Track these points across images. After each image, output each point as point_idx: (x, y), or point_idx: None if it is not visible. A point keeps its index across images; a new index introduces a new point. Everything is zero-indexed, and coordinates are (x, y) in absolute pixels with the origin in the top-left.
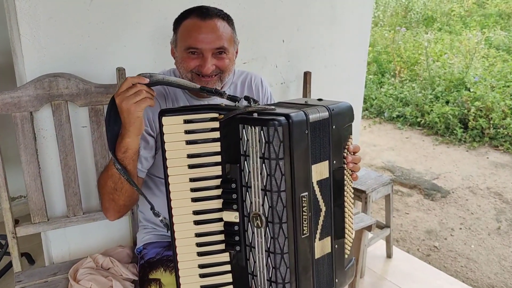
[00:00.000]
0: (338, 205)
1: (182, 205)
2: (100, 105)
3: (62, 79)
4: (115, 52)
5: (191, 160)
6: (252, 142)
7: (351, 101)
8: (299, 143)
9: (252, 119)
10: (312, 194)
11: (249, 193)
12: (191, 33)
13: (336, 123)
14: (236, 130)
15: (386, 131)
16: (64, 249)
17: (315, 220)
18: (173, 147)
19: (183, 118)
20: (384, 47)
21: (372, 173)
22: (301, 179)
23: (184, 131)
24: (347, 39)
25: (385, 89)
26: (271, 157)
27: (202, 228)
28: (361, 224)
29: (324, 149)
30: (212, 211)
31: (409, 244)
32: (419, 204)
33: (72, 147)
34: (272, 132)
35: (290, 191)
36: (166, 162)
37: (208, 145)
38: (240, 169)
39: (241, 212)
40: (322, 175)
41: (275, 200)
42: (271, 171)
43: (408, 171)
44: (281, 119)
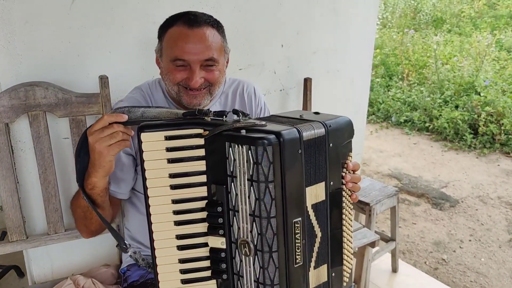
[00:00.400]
0: (336, 230)
1: (164, 229)
2: (81, 116)
3: (39, 88)
4: (98, 59)
5: (173, 180)
6: (239, 162)
7: (355, 108)
8: (291, 164)
9: (239, 137)
10: (306, 219)
11: (236, 217)
12: (178, 43)
13: (333, 140)
14: (222, 148)
15: (393, 136)
16: (46, 267)
17: (310, 247)
18: (153, 166)
19: (164, 134)
20: (392, 49)
21: (377, 183)
22: (294, 204)
23: (166, 149)
24: (351, 43)
25: (392, 92)
26: (260, 180)
27: (186, 254)
28: (364, 240)
29: (320, 170)
30: (197, 235)
31: (416, 256)
32: (427, 214)
33: (51, 160)
34: (261, 152)
35: (282, 217)
36: (146, 183)
37: (192, 163)
38: (227, 191)
39: (228, 238)
40: (318, 197)
41: (265, 227)
42: (260, 195)
43: (415, 179)
44: (271, 137)
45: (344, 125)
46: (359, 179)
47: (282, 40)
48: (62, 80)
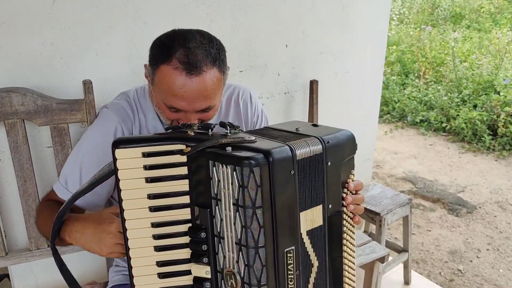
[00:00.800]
0: (336, 258)
1: (143, 255)
2: (64, 124)
3: (16, 95)
4: (84, 61)
5: (153, 202)
6: (223, 184)
7: (366, 111)
8: (282, 187)
9: (223, 156)
10: (300, 248)
11: (222, 245)
12: (174, 91)
13: (332, 158)
14: (206, 167)
15: (408, 137)
16: (30, 284)
17: (305, 278)
18: (130, 185)
19: (142, 150)
20: (409, 46)
21: (388, 191)
22: (286, 231)
23: (144, 167)
24: (361, 42)
25: (408, 91)
26: (246, 205)
27: (168, 282)
28: (372, 255)
29: (316, 192)
30: (180, 262)
31: (430, 266)
32: (443, 220)
33: (31, 171)
34: (247, 174)
35: (272, 247)
36: (122, 204)
37: (174, 183)
38: (211, 215)
39: (213, 267)
40: (314, 223)
41: (252, 258)
42: (246, 222)
43: (431, 183)
44: (259, 157)
45: (345, 141)
46: (362, 200)
47: (286, 40)
48: (44, 85)
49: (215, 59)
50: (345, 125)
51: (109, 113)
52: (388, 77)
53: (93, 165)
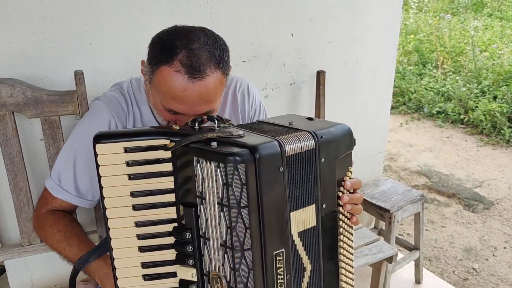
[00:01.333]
0: (331, 260)
1: (127, 255)
2: (55, 116)
3: (4, 86)
4: (77, 51)
5: (136, 200)
6: (208, 181)
7: (377, 103)
8: (270, 185)
9: (207, 152)
10: (291, 250)
11: (207, 246)
12: (174, 94)
13: (326, 154)
14: (191, 163)
15: (424, 129)
16: (25, 279)
17: (297, 283)
18: (111, 182)
19: (124, 145)
20: (427, 35)
21: (400, 186)
22: (275, 232)
23: (126, 163)
24: (372, 31)
25: (425, 81)
26: (231, 204)
27: (153, 285)
28: (379, 255)
29: (308, 190)
30: (165, 264)
31: (444, 264)
32: (458, 216)
33: (22, 165)
34: (231, 171)
35: (259, 249)
36: (104, 202)
37: (158, 180)
38: (196, 215)
39: (199, 269)
40: (306, 224)
41: (238, 261)
42: (232, 223)
43: (446, 177)
44: (244, 153)
45: (340, 136)
46: (360, 199)
47: (292, 28)
48: (35, 76)
49: (219, 62)
50: (354, 118)
51: (102, 105)
52: (404, 67)
53: (86, 160)
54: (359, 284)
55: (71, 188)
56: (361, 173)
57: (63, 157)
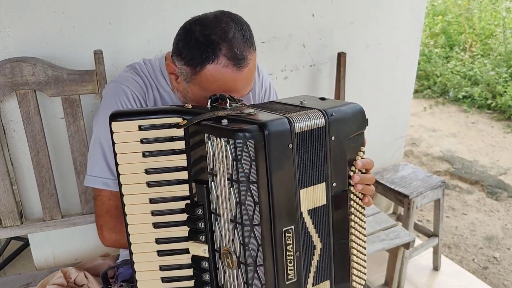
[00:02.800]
0: (341, 240)
1: (142, 231)
2: (75, 95)
3: (26, 65)
4: (97, 31)
5: (150, 177)
6: (218, 158)
7: (400, 86)
8: (279, 161)
9: (217, 129)
10: (301, 228)
11: (218, 222)
12: (226, 87)
13: (336, 132)
14: (203, 141)
15: (449, 114)
16: (47, 253)
17: (307, 261)
18: (127, 159)
19: (138, 123)
20: (456, 16)
21: (420, 172)
22: (284, 209)
23: (140, 141)
24: (397, 11)
25: (452, 64)
26: (240, 180)
27: (167, 260)
28: (396, 241)
29: (318, 168)
30: (178, 240)
31: (463, 252)
32: (480, 204)
33: (44, 142)
34: (241, 147)
35: (268, 225)
36: (120, 179)
37: (171, 157)
38: (208, 191)
39: (211, 245)
40: (316, 202)
41: (247, 236)
42: (241, 198)
43: (470, 164)
44: (253, 129)
45: (351, 114)
46: (372, 179)
47: (313, 8)
48: (56, 55)
49: (251, 42)
50: (375, 101)
51: (120, 86)
52: (431, 50)
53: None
54: (375, 268)
55: (108, 174)
56: (381, 158)
57: (92, 149)
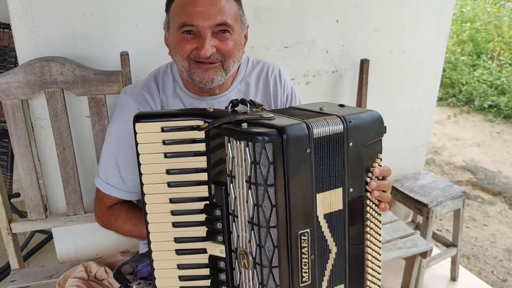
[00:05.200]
0: (357, 245)
1: (161, 230)
2: (101, 95)
3: (55, 64)
4: (123, 33)
5: (171, 177)
6: (237, 160)
7: (423, 94)
8: (296, 165)
9: (237, 132)
10: (316, 231)
11: (235, 223)
12: (186, 8)
13: (354, 139)
14: (223, 144)
15: (474, 123)
16: (70, 246)
17: (321, 264)
18: (149, 160)
19: (161, 125)
20: (485, 24)
21: (441, 181)
22: (300, 212)
23: (162, 142)
24: (422, 18)
25: (478, 73)
26: (258, 182)
27: (184, 259)
28: (413, 249)
29: (336, 174)
30: (196, 240)
31: (483, 263)
32: (502, 216)
33: (70, 140)
34: (259, 150)
35: (284, 228)
36: (142, 178)
37: (192, 159)
38: (226, 193)
39: (228, 246)
40: (333, 206)
41: (264, 238)
42: (258, 201)
43: (493, 174)
44: (272, 133)
45: (370, 122)
46: (389, 186)
47: (337, 14)
48: (84, 55)
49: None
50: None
51: (127, 100)
52: (457, 57)
53: (127, 155)
54: (391, 276)
55: (119, 184)
56: (401, 165)
57: (104, 156)
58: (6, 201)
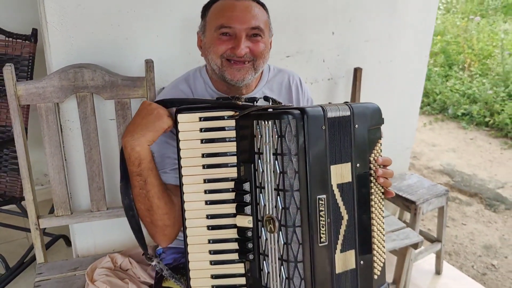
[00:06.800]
0: (364, 216)
1: (195, 208)
2: (126, 99)
3: (87, 70)
4: (146, 42)
5: (206, 160)
6: (265, 138)
7: (408, 100)
8: (315, 139)
9: (265, 114)
10: (331, 198)
11: (262, 194)
12: (224, 12)
13: (359, 123)
14: (251, 129)
15: (448, 130)
16: (89, 242)
17: (336, 229)
18: (188, 145)
19: (199, 115)
20: (455, 37)
21: (425, 181)
22: (318, 180)
23: (200, 129)
24: (408, 31)
25: (451, 83)
26: (284, 153)
27: (215, 234)
28: (406, 241)
29: (345, 150)
30: (226, 216)
31: (463, 259)
32: (479, 215)
33: (97, 140)
34: (285, 125)
35: (305, 191)
36: (181, 161)
37: (224, 144)
38: (254, 169)
39: (255, 217)
40: (344, 178)
41: (288, 201)
42: (284, 168)
43: (469, 177)
44: (296, 112)
45: (371, 110)
46: (391, 174)
47: (333, 27)
48: (110, 62)
49: (261, 3)
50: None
51: (168, 94)
52: (430, 68)
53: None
54: None
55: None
56: (390, 167)
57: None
58: (35, 199)
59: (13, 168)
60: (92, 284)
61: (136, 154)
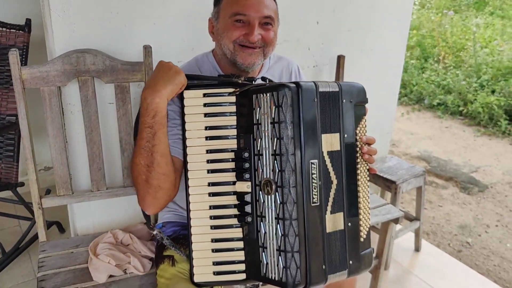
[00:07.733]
0: (351, 181)
1: (198, 176)
2: (126, 83)
3: (89, 55)
4: (143, 29)
5: (208, 132)
6: (263, 109)
7: (387, 88)
8: (308, 109)
9: (264, 88)
10: (322, 164)
11: (260, 161)
12: (239, 1)
13: (346, 98)
14: (250, 104)
15: (425, 119)
16: (88, 222)
17: (326, 191)
18: (192, 119)
19: (203, 92)
20: (430, 31)
21: (404, 163)
22: (310, 146)
23: (203, 104)
24: (387, 22)
25: (427, 75)
26: (281, 121)
27: (216, 201)
28: (388, 216)
29: (334, 121)
30: (227, 183)
31: (440, 238)
32: (454, 198)
33: (97, 123)
34: (282, 97)
35: (299, 155)
36: (185, 134)
37: (225, 118)
38: (253, 138)
39: (253, 182)
40: (333, 146)
41: (284, 163)
42: (281, 134)
43: (445, 162)
44: (291, 85)
45: (356, 89)
46: (375, 152)
47: (317, 17)
48: (110, 48)
49: None
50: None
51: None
52: (407, 61)
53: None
54: None
55: None
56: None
57: None
58: (38, 179)
59: (8, 155)
60: (95, 258)
61: (155, 105)
